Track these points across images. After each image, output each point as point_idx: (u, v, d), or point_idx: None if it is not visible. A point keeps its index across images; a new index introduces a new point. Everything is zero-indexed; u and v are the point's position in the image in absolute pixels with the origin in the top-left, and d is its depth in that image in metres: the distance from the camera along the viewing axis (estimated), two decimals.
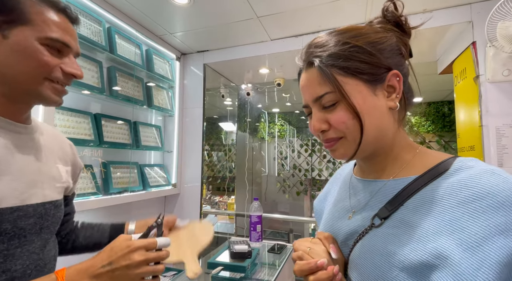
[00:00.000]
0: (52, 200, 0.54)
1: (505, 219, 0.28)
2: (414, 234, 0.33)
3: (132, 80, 1.47)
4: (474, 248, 0.29)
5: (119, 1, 1.25)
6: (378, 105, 0.39)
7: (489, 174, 0.31)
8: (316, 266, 0.40)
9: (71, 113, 1.16)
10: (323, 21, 1.41)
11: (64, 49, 0.49)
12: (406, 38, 0.43)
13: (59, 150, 0.61)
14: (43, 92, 0.48)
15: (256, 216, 1.45)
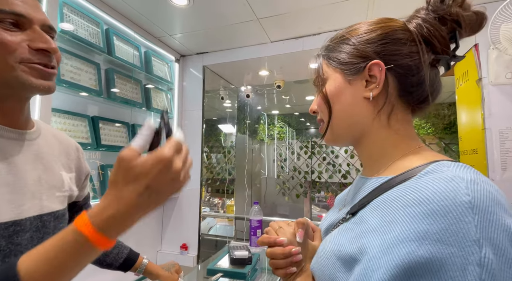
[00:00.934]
0: (52, 211, 0.49)
1: (428, 227, 0.27)
2: (360, 230, 0.34)
3: (131, 82, 1.45)
4: (386, 249, 0.28)
5: (117, 2, 1.23)
6: (350, 93, 0.41)
7: (445, 180, 0.29)
8: (274, 242, 0.45)
9: (68, 115, 1.14)
10: (324, 23, 1.40)
11: (21, 21, 0.42)
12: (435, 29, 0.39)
13: (63, 156, 0.57)
14: (21, 78, 0.41)
15: (256, 220, 1.43)
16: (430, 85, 0.39)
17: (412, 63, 0.38)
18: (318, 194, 3.25)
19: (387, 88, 0.40)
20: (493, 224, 0.26)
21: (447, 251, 0.25)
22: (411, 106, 0.41)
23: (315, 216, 3.11)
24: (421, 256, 0.26)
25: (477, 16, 0.38)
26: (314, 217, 3.09)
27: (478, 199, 0.27)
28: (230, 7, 1.26)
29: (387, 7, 1.25)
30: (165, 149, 0.33)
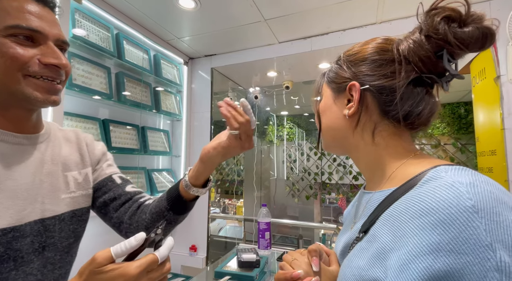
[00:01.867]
0: (56, 215, 0.49)
1: (439, 238, 0.26)
2: (376, 249, 0.33)
3: (140, 85, 1.47)
4: (403, 266, 0.28)
5: (127, 7, 1.26)
6: (334, 110, 0.45)
7: (446, 187, 0.29)
8: (291, 277, 0.43)
9: (79, 118, 1.17)
10: (332, 22, 1.38)
11: (36, 36, 0.43)
12: None
13: (75, 155, 0.56)
14: (25, 91, 0.42)
15: (265, 223, 1.41)
16: (413, 104, 0.39)
17: (387, 83, 0.39)
18: (328, 195, 3.20)
19: (367, 107, 0.42)
20: (501, 225, 0.26)
21: (463, 260, 0.25)
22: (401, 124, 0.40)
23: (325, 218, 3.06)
24: (439, 269, 0.25)
25: (479, 32, 0.34)
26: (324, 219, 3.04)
27: (480, 202, 0.26)
28: (237, 9, 1.26)
29: (397, 5, 1.22)
30: (132, 266, 0.34)
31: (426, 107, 0.39)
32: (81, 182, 0.55)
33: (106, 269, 0.33)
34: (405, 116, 0.39)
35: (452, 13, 0.35)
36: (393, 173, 0.39)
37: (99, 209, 0.60)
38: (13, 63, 0.41)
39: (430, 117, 0.40)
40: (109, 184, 0.60)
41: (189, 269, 1.69)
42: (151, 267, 0.36)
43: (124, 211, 0.59)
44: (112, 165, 0.64)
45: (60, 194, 0.51)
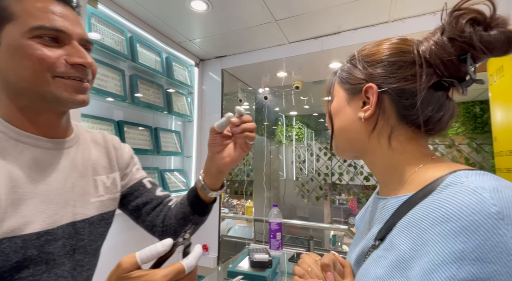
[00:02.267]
0: (86, 218, 0.49)
1: (462, 246, 0.25)
2: (395, 258, 0.32)
3: (153, 87, 1.50)
4: (425, 276, 0.27)
5: (140, 11, 1.28)
6: (348, 112, 0.44)
7: (468, 192, 0.27)
8: None
9: (96, 120, 1.20)
10: (344, 21, 1.37)
11: (61, 36, 0.42)
12: None
13: (102, 158, 0.56)
14: (55, 92, 0.42)
15: (276, 223, 1.41)
16: (434, 108, 0.38)
17: (407, 86, 0.38)
18: (339, 196, 3.16)
19: (383, 110, 0.40)
20: None
21: (490, 269, 0.24)
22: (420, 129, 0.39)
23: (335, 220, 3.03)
24: (464, 278, 0.24)
25: (504, 37, 0.33)
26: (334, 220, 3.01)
27: (506, 208, 0.25)
28: (248, 11, 1.26)
29: (411, 3, 1.19)
30: (159, 275, 0.32)
31: (447, 112, 0.38)
32: (109, 186, 0.56)
33: (132, 276, 0.32)
34: (425, 121, 0.38)
35: (478, 15, 0.33)
36: (409, 178, 0.38)
37: (131, 212, 0.63)
38: (41, 65, 0.41)
39: (450, 121, 0.39)
40: (140, 189, 0.62)
41: (200, 268, 1.70)
42: (178, 277, 0.34)
43: (156, 214, 0.61)
44: (139, 168, 0.66)
45: (90, 198, 0.51)
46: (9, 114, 0.43)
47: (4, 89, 0.43)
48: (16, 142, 0.43)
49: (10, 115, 0.43)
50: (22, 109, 0.44)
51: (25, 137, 0.44)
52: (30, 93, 0.42)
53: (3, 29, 0.40)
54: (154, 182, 0.67)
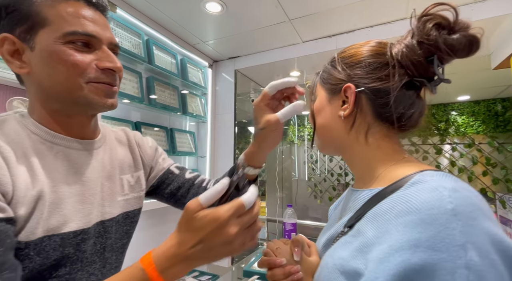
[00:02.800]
0: (113, 217, 0.51)
1: (419, 235, 0.29)
2: (360, 243, 0.35)
3: (168, 88, 1.53)
4: (383, 259, 0.30)
5: (156, 14, 1.31)
6: (329, 111, 0.47)
7: (430, 190, 0.31)
8: (274, 263, 0.47)
9: (115, 121, 1.24)
10: (359, 20, 1.34)
11: (92, 41, 0.43)
12: None
13: (128, 157, 0.58)
14: (88, 97, 0.43)
15: (291, 224, 1.41)
16: (405, 106, 0.41)
17: (381, 86, 0.41)
18: None
19: (361, 109, 0.43)
20: (475, 228, 0.28)
21: (438, 257, 0.27)
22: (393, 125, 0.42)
23: None
24: (415, 263, 0.28)
25: (466, 40, 0.36)
26: None
27: (460, 206, 0.29)
28: (262, 11, 1.26)
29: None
30: (222, 210, 0.34)
31: (417, 109, 0.42)
32: (133, 184, 0.57)
33: (198, 216, 0.34)
34: (398, 118, 0.41)
35: (443, 20, 0.37)
36: (381, 173, 0.41)
37: (168, 199, 0.65)
38: (75, 70, 0.42)
39: (419, 119, 0.43)
40: (170, 176, 0.64)
41: (214, 267, 1.72)
42: (240, 212, 0.34)
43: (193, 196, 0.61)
44: (165, 158, 0.68)
45: (117, 197, 0.53)
46: (43, 117, 0.45)
47: (37, 94, 0.45)
48: (52, 144, 0.44)
49: (43, 119, 0.45)
50: (54, 113, 0.45)
51: (59, 139, 0.45)
52: (63, 97, 0.44)
53: (37, 34, 0.41)
54: (181, 166, 0.68)
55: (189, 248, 0.34)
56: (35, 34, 0.41)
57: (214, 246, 0.34)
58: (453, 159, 2.68)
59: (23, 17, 0.41)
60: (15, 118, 0.44)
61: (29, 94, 0.46)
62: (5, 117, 0.43)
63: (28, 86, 0.46)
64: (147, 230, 1.43)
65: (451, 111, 2.73)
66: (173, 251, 0.35)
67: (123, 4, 1.20)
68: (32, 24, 0.41)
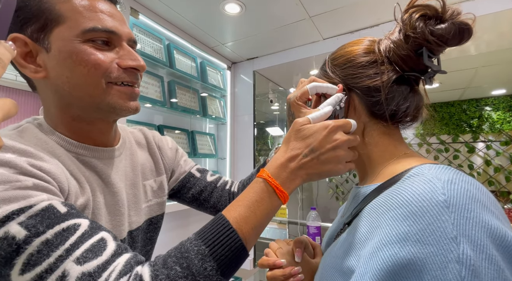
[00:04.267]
0: (139, 226, 0.49)
1: (408, 228, 0.28)
2: (354, 240, 0.35)
3: (189, 92, 1.55)
4: (372, 254, 0.29)
5: (177, 19, 1.33)
6: None
7: (424, 182, 0.30)
8: (274, 264, 0.46)
9: (139, 125, 1.26)
10: (383, 13, 1.28)
11: (112, 38, 0.40)
12: None
13: (148, 161, 0.55)
14: (110, 101, 0.40)
15: (315, 227, 1.36)
16: (399, 102, 0.40)
17: (371, 84, 0.40)
18: None
19: (355, 109, 0.42)
20: (470, 221, 0.26)
21: (427, 250, 0.26)
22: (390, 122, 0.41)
23: None
24: (403, 257, 0.27)
25: (455, 28, 0.35)
26: None
27: (454, 198, 0.27)
28: (282, 9, 1.24)
29: None
30: (330, 121, 0.37)
31: (412, 104, 0.40)
32: (156, 190, 0.55)
33: (307, 126, 0.36)
34: (392, 115, 0.40)
35: (428, 10, 0.36)
36: (382, 170, 0.41)
37: (191, 203, 0.63)
38: (97, 71, 0.38)
39: (417, 113, 0.41)
40: (191, 180, 0.62)
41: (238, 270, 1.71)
42: (347, 127, 0.37)
43: (217, 200, 0.61)
44: (186, 159, 0.66)
45: (141, 204, 0.50)
46: (62, 126, 0.41)
47: (55, 100, 0.40)
48: (76, 155, 0.42)
49: (63, 128, 0.41)
50: (74, 120, 0.41)
51: (82, 149, 0.42)
52: (84, 102, 0.40)
53: (52, 32, 0.37)
54: (202, 168, 0.66)
55: (301, 157, 0.36)
56: (49, 33, 0.37)
57: (324, 152, 0.35)
58: (488, 157, 2.49)
59: (35, 15, 0.36)
60: (36, 127, 0.40)
61: (45, 101, 0.42)
62: (24, 126, 0.40)
63: (43, 92, 0.41)
64: (171, 232, 1.45)
65: (485, 107, 2.54)
66: (286, 162, 0.36)
67: (145, 10, 1.23)
68: (45, 22, 0.36)
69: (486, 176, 2.49)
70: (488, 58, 1.75)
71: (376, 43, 0.42)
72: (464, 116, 2.61)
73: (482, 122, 2.54)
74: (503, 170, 2.43)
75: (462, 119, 2.61)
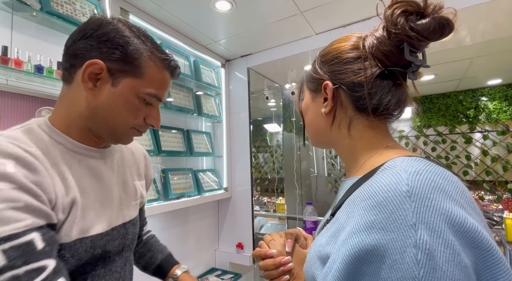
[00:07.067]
0: (131, 219, 0.55)
1: (374, 217, 0.30)
2: (335, 229, 0.37)
3: (183, 90, 1.54)
4: (343, 242, 0.32)
5: (168, 18, 1.32)
6: (313, 109, 0.48)
7: (392, 174, 0.32)
8: (265, 254, 0.50)
9: None
10: (374, 5, 1.27)
11: (155, 102, 0.49)
12: None
13: (134, 166, 0.62)
14: (123, 138, 0.50)
15: (311, 221, 1.38)
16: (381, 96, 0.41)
17: (356, 80, 0.41)
18: None
19: (341, 104, 0.44)
20: (430, 209, 0.28)
21: (389, 237, 0.28)
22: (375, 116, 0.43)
23: None
24: (368, 243, 0.29)
25: (436, 22, 0.36)
26: None
27: (416, 188, 0.29)
28: (272, 5, 1.24)
29: None
30: None
31: (393, 98, 0.41)
32: (139, 191, 0.61)
33: None
34: (374, 109, 0.42)
35: (409, 6, 0.37)
36: (364, 163, 0.42)
37: None
38: (133, 120, 0.48)
39: (400, 107, 0.42)
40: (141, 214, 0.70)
41: (237, 266, 1.73)
42: None
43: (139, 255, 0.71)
44: None
45: (131, 201, 0.57)
46: (67, 127, 0.47)
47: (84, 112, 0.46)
48: (74, 154, 0.47)
49: (67, 128, 0.47)
50: (85, 129, 0.48)
51: (80, 148, 0.48)
52: (107, 128, 0.48)
53: (127, 78, 0.45)
54: None
55: None
56: (126, 77, 0.45)
57: None
58: (485, 148, 2.50)
59: (128, 60, 0.44)
60: (37, 127, 0.45)
61: (68, 103, 0.47)
62: (29, 126, 0.45)
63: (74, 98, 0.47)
64: (172, 230, 1.46)
65: (481, 97, 2.54)
66: None
67: (135, 10, 1.23)
68: (130, 70, 0.45)
69: (483, 166, 2.50)
70: (484, 48, 1.74)
71: (362, 40, 0.43)
72: (461, 107, 2.61)
73: (478, 112, 2.54)
74: (500, 160, 2.44)
75: (459, 110, 2.61)
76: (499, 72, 2.23)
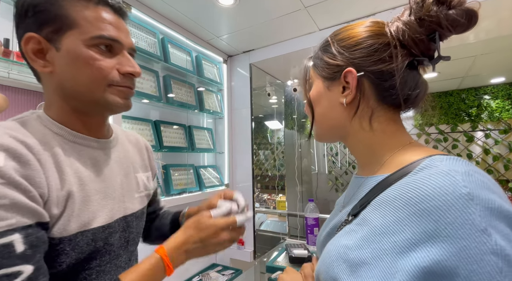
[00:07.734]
0: (133, 212, 0.54)
1: (435, 225, 0.27)
2: (366, 232, 0.34)
3: (185, 86, 1.54)
4: (400, 253, 0.29)
5: (171, 12, 1.31)
6: (329, 98, 0.44)
7: (442, 175, 0.29)
8: None
9: (135, 121, 1.26)
10: (380, 2, 1.26)
11: (115, 46, 0.45)
12: None
13: (138, 158, 0.60)
14: (109, 99, 0.45)
15: (313, 218, 1.38)
16: (411, 87, 0.39)
17: (385, 68, 0.39)
18: None
19: (363, 93, 0.41)
20: (494, 212, 0.26)
21: (460, 244, 0.25)
22: (398, 108, 0.41)
23: None
24: (436, 254, 0.26)
25: (464, 14, 0.35)
26: None
27: (475, 190, 0.27)
28: (276, 0, 1.22)
29: None
30: (221, 222, 0.49)
31: (422, 89, 0.40)
32: (145, 183, 0.60)
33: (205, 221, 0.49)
34: (404, 100, 0.40)
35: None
36: (387, 159, 0.40)
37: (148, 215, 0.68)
38: (99, 74, 0.44)
39: (423, 98, 0.41)
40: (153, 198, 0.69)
41: (237, 262, 1.73)
42: (233, 226, 0.50)
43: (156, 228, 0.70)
44: None
45: (134, 193, 0.55)
46: (63, 116, 0.46)
47: (58, 92, 0.45)
48: (74, 144, 0.46)
49: (64, 117, 0.46)
50: (74, 111, 0.46)
51: (80, 138, 0.47)
52: (84, 97, 0.45)
53: (64, 35, 0.42)
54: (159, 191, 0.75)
55: (191, 244, 0.47)
56: (62, 35, 0.42)
57: (209, 245, 0.48)
58: (486, 146, 2.49)
59: (52, 18, 0.41)
60: (35, 119, 0.44)
61: (48, 93, 0.46)
62: (25, 118, 0.44)
63: (47, 84, 0.46)
64: None
65: (484, 95, 2.53)
66: (180, 246, 0.47)
67: (137, 4, 1.21)
68: (60, 26, 0.42)
69: (485, 165, 2.50)
70: (487, 46, 1.73)
71: (386, 26, 0.40)
72: (463, 105, 2.59)
73: (481, 111, 2.53)
74: (502, 159, 2.44)
75: (461, 108, 2.60)
76: (502, 71, 2.21)
